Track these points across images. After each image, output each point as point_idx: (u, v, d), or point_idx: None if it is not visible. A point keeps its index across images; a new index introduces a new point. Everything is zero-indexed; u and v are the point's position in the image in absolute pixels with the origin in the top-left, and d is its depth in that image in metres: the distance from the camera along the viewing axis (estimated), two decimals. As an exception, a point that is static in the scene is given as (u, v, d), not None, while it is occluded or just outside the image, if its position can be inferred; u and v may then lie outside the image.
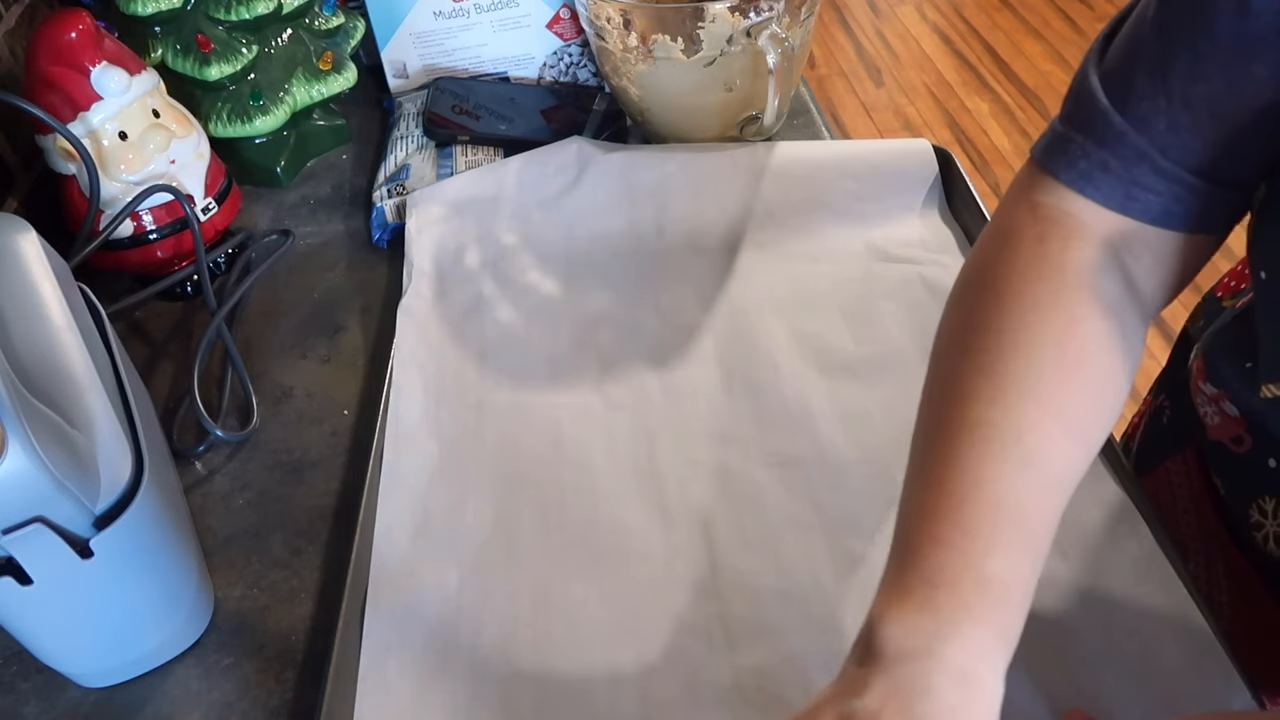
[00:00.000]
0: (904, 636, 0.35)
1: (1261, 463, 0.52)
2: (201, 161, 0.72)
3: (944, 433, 0.40)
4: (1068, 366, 0.41)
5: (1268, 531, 0.52)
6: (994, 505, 0.37)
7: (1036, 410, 0.39)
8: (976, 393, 0.40)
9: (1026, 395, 0.40)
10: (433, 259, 0.71)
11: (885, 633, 0.36)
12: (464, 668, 0.49)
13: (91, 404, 0.47)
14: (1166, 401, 0.65)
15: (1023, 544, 0.37)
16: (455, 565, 0.53)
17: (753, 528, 0.54)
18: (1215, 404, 0.56)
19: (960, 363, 0.42)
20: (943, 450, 0.40)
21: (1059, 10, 3.06)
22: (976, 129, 2.58)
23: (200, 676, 0.51)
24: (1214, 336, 0.57)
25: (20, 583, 0.43)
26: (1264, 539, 0.53)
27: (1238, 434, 0.54)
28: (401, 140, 0.82)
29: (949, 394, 0.42)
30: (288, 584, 0.55)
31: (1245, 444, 0.53)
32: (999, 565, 0.36)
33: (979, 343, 0.42)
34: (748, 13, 0.69)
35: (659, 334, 0.66)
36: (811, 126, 0.84)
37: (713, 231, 0.73)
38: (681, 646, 0.49)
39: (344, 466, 0.61)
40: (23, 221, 0.54)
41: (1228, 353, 0.55)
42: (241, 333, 0.70)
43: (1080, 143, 0.43)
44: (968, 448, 0.39)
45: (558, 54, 0.88)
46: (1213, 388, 0.55)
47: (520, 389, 0.63)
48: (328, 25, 0.83)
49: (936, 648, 0.35)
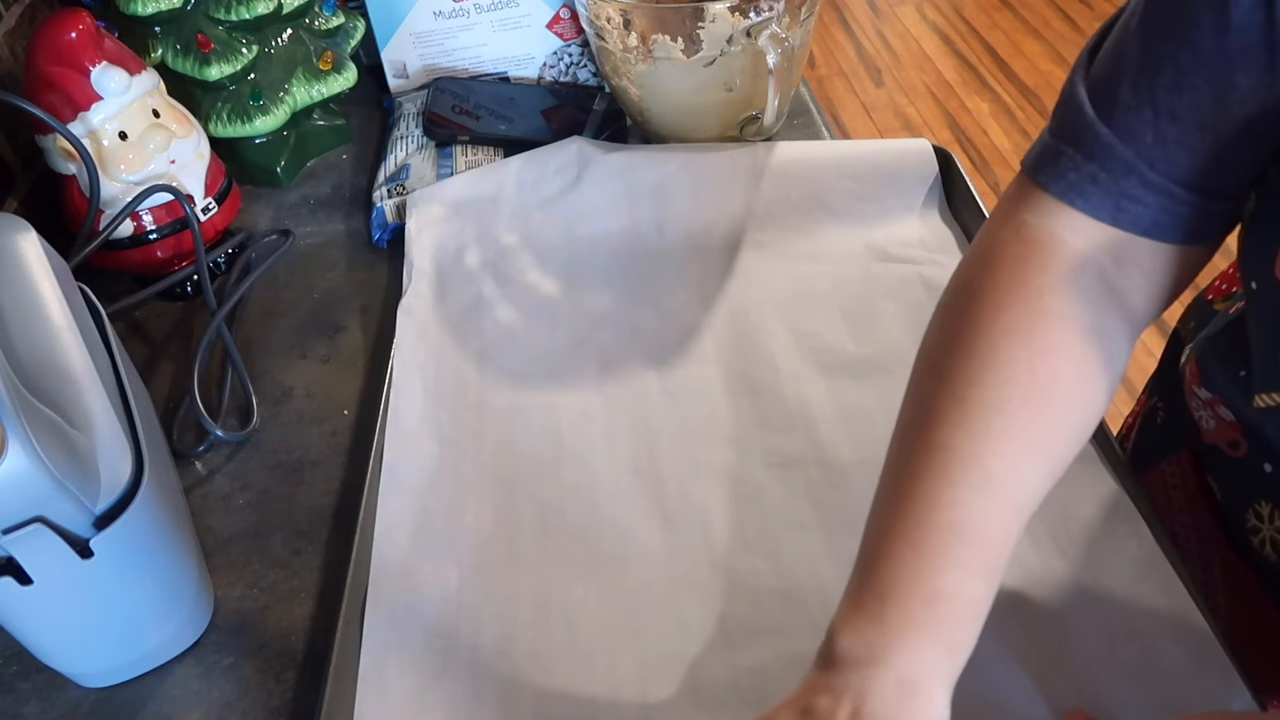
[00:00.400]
0: (856, 646, 0.38)
1: (1257, 468, 0.52)
2: (201, 161, 0.72)
3: (909, 454, 0.41)
4: (1038, 393, 0.41)
5: (1264, 536, 0.52)
6: (949, 527, 0.39)
7: (1002, 436, 0.40)
8: (943, 416, 0.41)
9: (991, 421, 0.40)
10: (433, 259, 0.71)
11: (841, 642, 0.38)
12: (464, 667, 0.49)
13: (91, 404, 0.47)
14: (1160, 403, 0.65)
15: (975, 563, 0.39)
16: (455, 565, 0.53)
17: (753, 528, 0.54)
18: (1210, 408, 0.55)
19: (932, 384, 0.43)
20: (906, 472, 0.41)
21: (1059, 10, 3.06)
22: (976, 129, 2.58)
23: (200, 676, 0.51)
24: (1207, 342, 0.57)
25: (20, 583, 0.43)
26: (1261, 544, 0.53)
27: (1234, 439, 0.54)
28: (401, 140, 0.82)
29: (918, 415, 0.43)
30: (288, 584, 0.55)
31: (1242, 449, 0.53)
32: (948, 582, 0.38)
33: (951, 365, 0.42)
34: (748, 13, 0.69)
35: (659, 334, 0.66)
36: (811, 126, 0.84)
37: (713, 231, 0.73)
38: (681, 646, 0.49)
39: (344, 466, 0.61)
40: (23, 221, 0.54)
41: (1221, 359, 0.54)
42: (241, 333, 0.70)
43: (1070, 155, 0.43)
44: (929, 471, 0.40)
45: (558, 54, 0.88)
46: (1207, 392, 0.55)
47: (520, 389, 0.63)
48: (328, 25, 0.83)
49: (882, 656, 0.37)
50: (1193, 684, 0.45)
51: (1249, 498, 0.53)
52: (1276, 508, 0.51)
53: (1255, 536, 0.53)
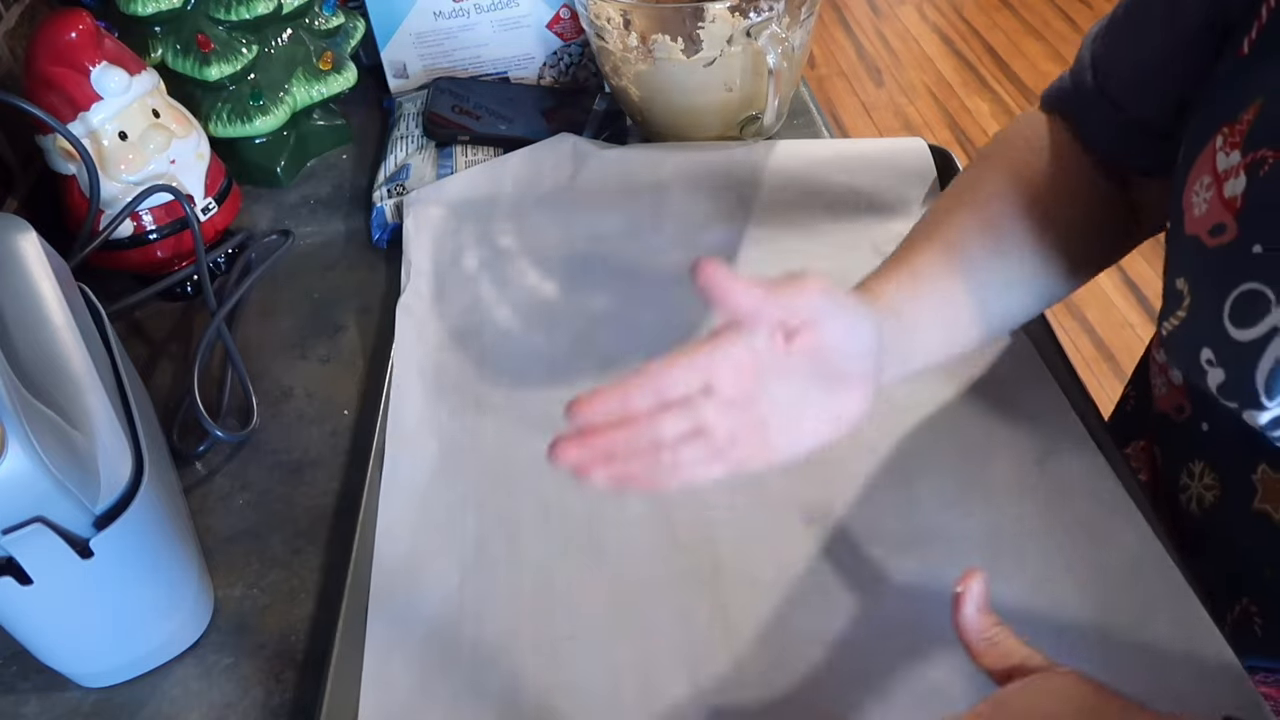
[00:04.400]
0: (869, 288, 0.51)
1: (1196, 428, 0.54)
2: (201, 161, 0.72)
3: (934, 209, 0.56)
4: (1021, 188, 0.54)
5: (1192, 493, 0.55)
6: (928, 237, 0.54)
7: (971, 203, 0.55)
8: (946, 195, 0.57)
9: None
10: (431, 258, 0.71)
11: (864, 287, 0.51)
12: (466, 663, 0.49)
13: (91, 404, 0.47)
14: (1133, 391, 0.68)
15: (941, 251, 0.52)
16: (457, 562, 0.53)
17: (754, 524, 0.54)
18: (1164, 374, 0.58)
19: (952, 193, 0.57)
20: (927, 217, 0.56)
21: (1059, 10, 3.06)
22: (976, 129, 2.58)
23: (200, 676, 0.51)
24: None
25: (20, 583, 0.43)
26: (1187, 501, 0.55)
27: (1180, 403, 0.56)
28: (401, 140, 0.82)
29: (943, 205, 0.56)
30: (288, 584, 0.55)
31: (1185, 412, 0.56)
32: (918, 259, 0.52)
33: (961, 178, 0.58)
34: (748, 13, 0.69)
35: (658, 332, 0.66)
36: (811, 126, 0.84)
37: (712, 229, 0.73)
38: (683, 642, 0.49)
39: (344, 466, 0.61)
40: (23, 221, 0.54)
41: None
42: (241, 333, 0.70)
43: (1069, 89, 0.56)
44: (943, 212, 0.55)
45: (558, 54, 0.88)
46: (1163, 355, 0.57)
47: (520, 386, 0.63)
48: (328, 25, 0.83)
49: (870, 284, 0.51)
50: (1193, 686, 0.45)
51: (1185, 458, 0.55)
52: (1207, 465, 0.53)
53: (1184, 495, 0.55)
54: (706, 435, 0.43)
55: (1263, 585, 0.51)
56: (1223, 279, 0.42)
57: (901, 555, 0.52)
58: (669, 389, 0.42)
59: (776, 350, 0.43)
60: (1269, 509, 0.49)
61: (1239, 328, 0.41)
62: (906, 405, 0.59)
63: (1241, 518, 0.50)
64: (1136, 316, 1.99)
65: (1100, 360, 1.91)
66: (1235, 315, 0.41)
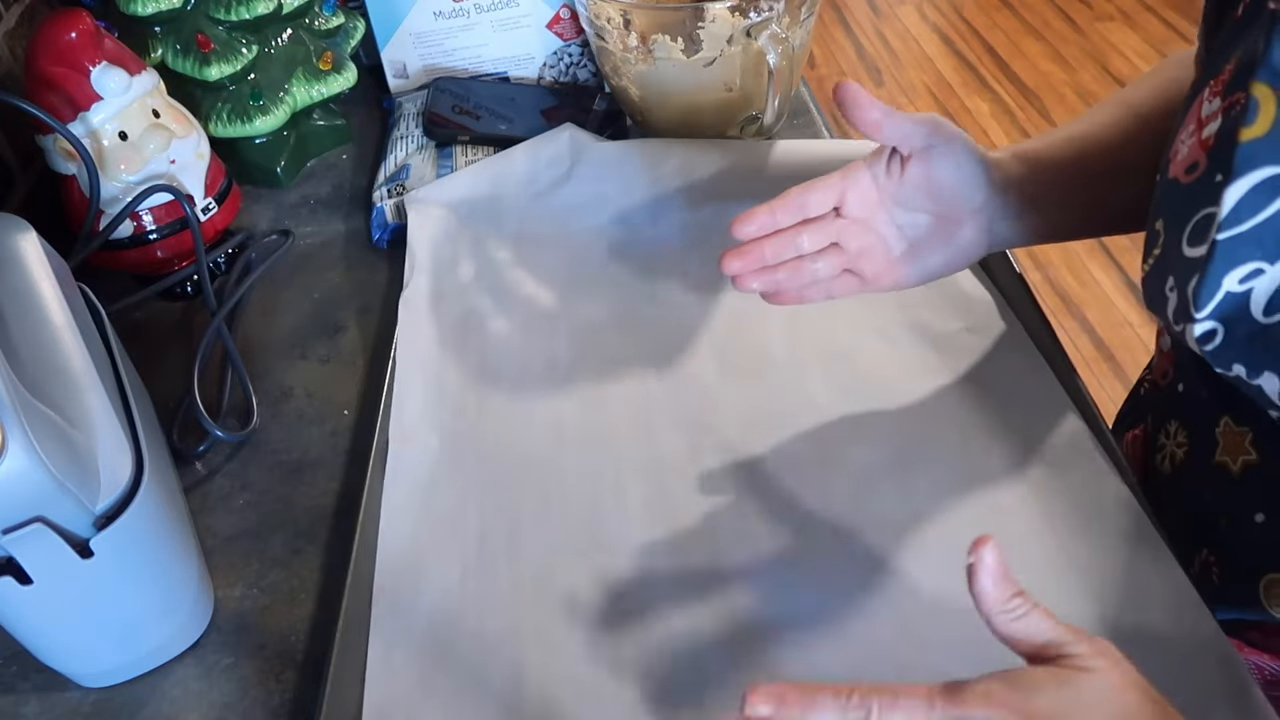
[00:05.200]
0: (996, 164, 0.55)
1: (1173, 389, 0.55)
2: (201, 161, 0.72)
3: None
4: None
5: (1166, 452, 0.56)
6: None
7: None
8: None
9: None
10: (432, 255, 0.71)
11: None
12: (469, 658, 0.49)
13: (91, 404, 0.47)
14: (1148, 376, 0.68)
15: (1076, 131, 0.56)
16: (459, 557, 0.54)
17: (756, 521, 0.54)
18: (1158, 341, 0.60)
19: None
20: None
21: (1059, 10, 3.06)
22: (976, 129, 2.58)
23: (200, 676, 0.51)
24: None
25: (20, 583, 0.43)
26: (1161, 460, 0.56)
27: (1166, 369, 0.57)
28: (401, 140, 0.82)
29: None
30: (288, 584, 0.55)
31: (1169, 377, 0.57)
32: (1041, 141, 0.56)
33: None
34: (748, 13, 0.69)
35: (657, 329, 0.66)
36: (811, 126, 0.84)
37: (711, 226, 0.73)
38: (685, 638, 0.49)
39: (344, 466, 0.61)
40: (23, 221, 0.54)
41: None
42: (241, 333, 0.70)
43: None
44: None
45: (558, 54, 0.88)
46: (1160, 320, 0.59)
47: (521, 382, 0.63)
48: (328, 25, 0.83)
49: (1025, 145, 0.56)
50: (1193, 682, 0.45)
51: (1164, 421, 0.56)
52: (1180, 425, 0.55)
53: (1159, 454, 0.56)
54: (839, 249, 0.53)
55: (1219, 536, 0.52)
56: (1187, 209, 0.43)
57: (900, 546, 0.52)
58: (809, 208, 0.53)
59: (893, 178, 0.52)
60: (1228, 460, 0.50)
61: (1191, 247, 0.43)
62: (906, 400, 0.59)
63: (1205, 471, 0.51)
64: (1137, 316, 1.99)
65: (1100, 360, 1.91)
66: (1191, 238, 0.43)
